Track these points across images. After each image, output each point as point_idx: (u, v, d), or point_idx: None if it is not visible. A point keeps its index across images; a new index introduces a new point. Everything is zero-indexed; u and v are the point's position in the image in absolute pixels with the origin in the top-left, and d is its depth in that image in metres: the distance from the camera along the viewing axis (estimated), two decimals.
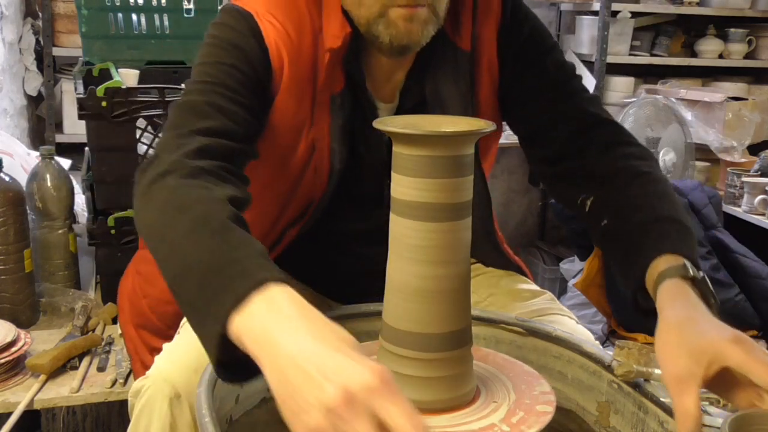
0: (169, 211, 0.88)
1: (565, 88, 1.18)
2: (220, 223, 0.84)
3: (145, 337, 1.42)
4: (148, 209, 0.92)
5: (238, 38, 1.08)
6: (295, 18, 1.11)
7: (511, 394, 0.93)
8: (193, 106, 1.02)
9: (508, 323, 1.13)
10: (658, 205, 1.03)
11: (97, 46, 2.09)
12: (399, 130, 0.84)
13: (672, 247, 0.95)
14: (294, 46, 1.10)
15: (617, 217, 1.06)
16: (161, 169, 0.93)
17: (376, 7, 1.05)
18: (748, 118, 3.16)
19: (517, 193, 3.88)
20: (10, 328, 1.54)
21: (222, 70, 1.05)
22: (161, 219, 0.88)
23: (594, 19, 3.44)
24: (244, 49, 1.07)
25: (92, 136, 1.78)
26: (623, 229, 1.04)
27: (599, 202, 1.09)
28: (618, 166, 1.10)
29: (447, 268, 0.87)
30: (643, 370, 0.96)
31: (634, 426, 0.99)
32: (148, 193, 0.93)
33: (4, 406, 1.43)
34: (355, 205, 1.21)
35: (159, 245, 0.87)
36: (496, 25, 1.18)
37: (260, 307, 0.73)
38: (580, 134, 1.14)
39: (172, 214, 0.87)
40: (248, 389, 1.05)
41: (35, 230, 1.82)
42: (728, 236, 2.50)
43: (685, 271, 0.91)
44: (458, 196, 0.86)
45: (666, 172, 2.92)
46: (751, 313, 2.38)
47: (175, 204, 0.88)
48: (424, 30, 1.07)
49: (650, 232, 0.99)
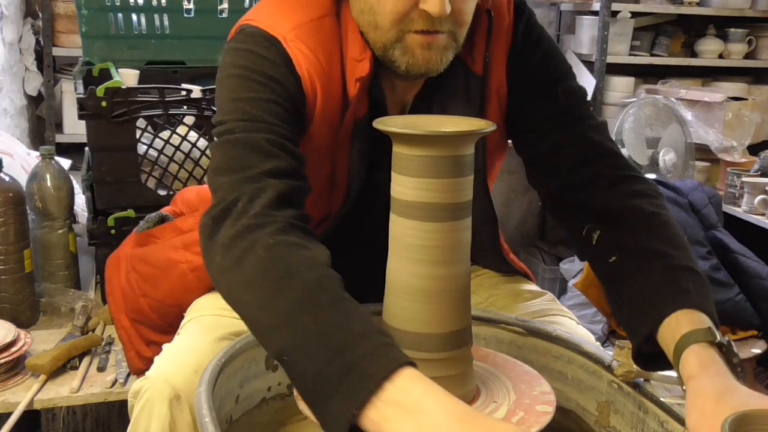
0: (274, 275, 0.83)
1: (571, 115, 1.14)
2: (333, 293, 0.82)
3: (142, 330, 1.42)
4: (243, 268, 0.85)
5: (272, 69, 1.02)
6: (324, 42, 1.06)
7: (511, 394, 0.93)
8: (252, 145, 0.95)
9: (508, 323, 1.13)
10: (673, 252, 1.00)
11: (97, 46, 2.09)
12: (399, 130, 0.84)
13: (691, 302, 0.92)
14: (325, 74, 1.05)
15: (628, 257, 1.02)
16: (246, 222, 0.88)
17: (393, 32, 1.01)
18: (748, 118, 3.16)
19: (517, 193, 3.88)
20: (10, 328, 1.54)
21: (263, 106, 0.99)
22: (266, 283, 0.83)
23: (594, 19, 3.44)
24: (279, 81, 1.01)
25: (92, 136, 1.78)
26: (635, 271, 1.00)
27: (607, 238, 1.06)
28: (626, 205, 1.07)
29: (447, 268, 0.87)
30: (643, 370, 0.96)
31: (634, 426, 0.99)
32: (234, 247, 0.87)
33: (4, 406, 1.43)
34: (363, 229, 1.17)
35: (264, 312, 0.83)
36: (506, 48, 1.15)
37: (396, 396, 0.73)
38: (584, 164, 1.11)
39: (278, 280, 0.83)
40: (248, 389, 1.05)
41: (35, 230, 1.82)
42: (728, 236, 2.50)
43: (712, 336, 0.88)
44: (458, 196, 0.86)
45: (666, 172, 2.92)
46: (751, 313, 2.38)
47: (280, 268, 0.84)
48: (443, 57, 1.03)
49: (666, 283, 0.96)
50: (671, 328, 0.91)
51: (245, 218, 0.89)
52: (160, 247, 1.37)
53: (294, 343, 0.79)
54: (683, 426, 0.91)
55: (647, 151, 2.97)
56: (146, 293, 1.38)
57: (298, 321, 0.79)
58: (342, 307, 0.80)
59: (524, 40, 1.16)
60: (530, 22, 1.17)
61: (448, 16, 0.99)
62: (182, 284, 1.30)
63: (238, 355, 1.01)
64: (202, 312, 1.18)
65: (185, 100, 1.78)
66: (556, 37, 3.79)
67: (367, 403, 0.72)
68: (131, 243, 1.46)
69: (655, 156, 2.96)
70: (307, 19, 1.06)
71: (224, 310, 1.15)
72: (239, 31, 1.08)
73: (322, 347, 0.76)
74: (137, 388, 1.06)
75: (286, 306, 0.81)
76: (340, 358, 0.75)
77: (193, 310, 1.21)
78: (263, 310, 0.83)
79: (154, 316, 1.38)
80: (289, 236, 0.87)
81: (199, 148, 1.83)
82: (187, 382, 1.03)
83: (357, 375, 0.73)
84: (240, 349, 1.01)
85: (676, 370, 0.89)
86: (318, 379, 0.76)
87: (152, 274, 1.37)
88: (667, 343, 0.92)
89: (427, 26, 0.99)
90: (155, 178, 1.81)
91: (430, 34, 1.00)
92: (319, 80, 1.05)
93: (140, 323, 1.41)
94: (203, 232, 0.92)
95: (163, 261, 1.35)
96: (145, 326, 1.41)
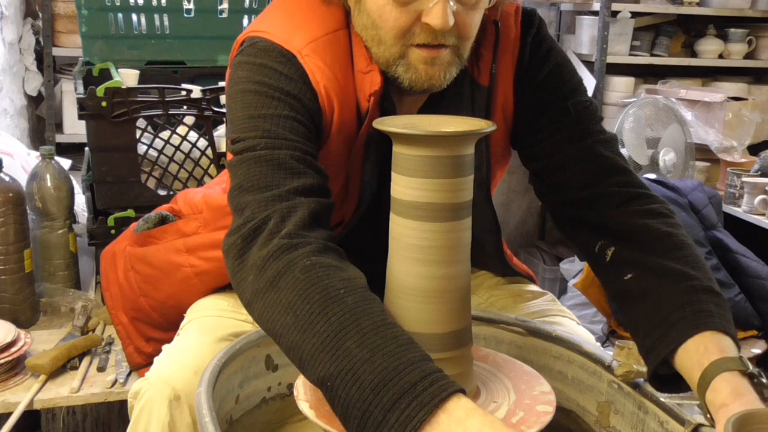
0: (314, 298, 0.81)
1: (581, 129, 1.11)
2: (377, 317, 0.80)
3: (142, 327, 1.41)
4: (279, 290, 0.83)
5: (290, 85, 1.00)
6: (338, 56, 1.04)
7: (511, 394, 0.93)
8: (278, 163, 0.93)
9: (508, 323, 1.13)
10: (693, 272, 0.97)
11: (97, 46, 2.09)
12: (399, 130, 0.84)
13: (714, 324, 0.91)
14: (341, 89, 1.04)
15: (646, 274, 1.00)
16: (279, 242, 0.86)
17: (396, 48, 1.00)
18: (748, 118, 3.16)
19: (517, 193, 3.88)
20: (10, 328, 1.54)
21: (283, 123, 0.97)
22: (306, 306, 0.81)
23: (594, 19, 3.44)
24: (297, 97, 1.00)
25: (92, 136, 1.78)
26: (655, 289, 0.98)
27: (623, 255, 1.03)
28: (640, 223, 1.04)
29: (447, 268, 0.87)
30: (643, 370, 0.96)
31: (634, 426, 0.99)
32: (269, 268, 0.85)
33: (4, 406, 1.43)
34: (383, 227, 1.15)
35: (304, 335, 0.80)
36: (514, 60, 1.13)
37: (451, 426, 0.71)
38: (594, 181, 1.09)
39: (319, 303, 0.81)
40: (248, 389, 1.05)
41: (35, 230, 1.82)
42: (728, 236, 2.50)
43: (744, 366, 0.87)
44: (458, 196, 0.86)
45: (666, 172, 2.92)
46: (751, 313, 2.38)
47: (320, 290, 0.82)
48: (446, 73, 1.01)
49: (688, 304, 0.94)
50: (696, 352, 0.89)
51: (278, 238, 0.86)
52: (161, 249, 1.35)
53: (338, 369, 0.76)
54: (683, 426, 0.91)
55: (647, 151, 2.97)
56: (147, 293, 1.37)
57: (341, 346, 0.77)
58: (387, 332, 0.78)
59: (533, 52, 1.13)
60: (539, 34, 1.14)
61: (452, 29, 0.97)
62: (186, 287, 1.29)
63: (238, 355, 1.01)
64: (202, 313, 1.18)
65: (185, 100, 1.78)
66: (557, 36, 3.79)
67: (421, 431, 0.71)
68: (128, 240, 1.44)
69: (655, 156, 2.96)
70: (322, 33, 1.04)
71: (224, 311, 1.15)
72: (250, 44, 1.05)
73: (369, 373, 0.74)
74: (137, 389, 1.06)
75: (329, 329, 0.78)
76: (390, 384, 0.73)
77: (194, 311, 1.21)
78: (304, 333, 0.80)
79: (155, 315, 1.38)
80: (325, 258, 0.85)
81: (199, 148, 1.83)
82: (187, 383, 1.03)
83: (408, 403, 0.72)
84: (240, 349, 1.01)
85: (700, 396, 0.87)
86: (366, 407, 0.73)
87: (153, 276, 1.36)
88: (690, 366, 0.89)
89: (429, 40, 0.98)
90: (155, 178, 1.81)
91: (433, 48, 0.99)
92: (336, 96, 1.03)
93: (140, 321, 1.41)
94: (231, 251, 0.89)
95: (164, 263, 1.34)
96: (144, 324, 1.41)
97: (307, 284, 0.82)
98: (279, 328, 0.83)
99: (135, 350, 1.43)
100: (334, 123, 1.04)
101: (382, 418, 0.72)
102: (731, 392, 0.84)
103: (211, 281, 1.26)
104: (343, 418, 0.77)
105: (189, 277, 1.29)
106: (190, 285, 1.29)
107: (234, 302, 1.16)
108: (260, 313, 0.86)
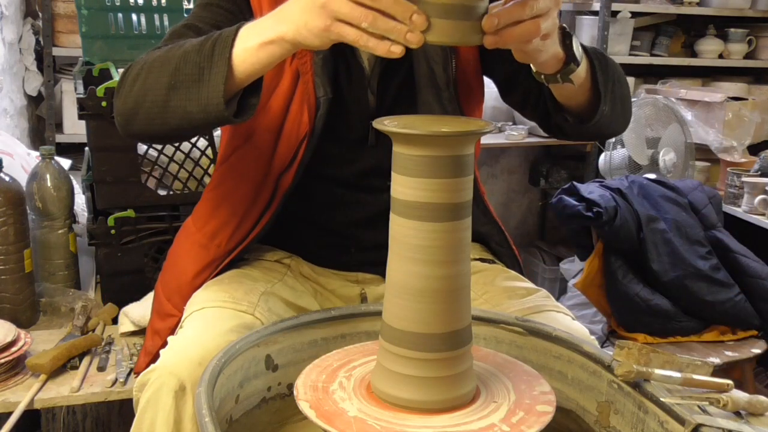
0: (165, 49, 1.08)
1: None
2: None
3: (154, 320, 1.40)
4: (136, 67, 1.10)
5: None
6: None
7: (511, 394, 0.93)
8: (171, 33, 1.18)
9: (508, 323, 1.13)
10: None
11: (97, 46, 2.09)
12: (399, 131, 0.84)
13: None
14: None
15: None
16: (139, 58, 1.11)
17: None
18: (748, 118, 3.16)
19: (517, 193, 3.88)
20: (10, 328, 1.54)
21: (203, 7, 1.21)
22: (162, 54, 1.07)
23: (594, 19, 3.44)
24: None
25: (92, 136, 1.78)
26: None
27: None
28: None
29: (447, 268, 0.87)
30: (643, 370, 0.96)
31: (634, 426, 0.99)
32: (132, 66, 1.11)
33: (4, 405, 1.43)
34: (342, 147, 1.25)
35: (162, 67, 1.05)
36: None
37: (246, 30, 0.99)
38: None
39: (168, 50, 1.07)
40: (248, 389, 1.05)
41: (35, 230, 1.82)
42: (728, 236, 2.50)
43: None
44: (458, 196, 0.87)
45: (666, 172, 2.91)
46: (751, 313, 2.38)
47: (170, 46, 1.08)
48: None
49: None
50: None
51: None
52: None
53: (178, 63, 1.03)
54: (683, 426, 0.91)
55: (647, 151, 2.97)
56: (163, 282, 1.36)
57: (183, 52, 1.04)
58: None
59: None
60: None
61: None
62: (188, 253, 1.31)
63: (238, 355, 1.01)
64: (203, 305, 1.18)
65: None
66: None
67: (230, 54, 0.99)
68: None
69: (655, 156, 2.96)
70: None
71: (225, 303, 1.15)
72: None
73: (195, 53, 1.02)
74: (143, 381, 1.06)
75: (177, 54, 1.05)
76: (206, 47, 1.01)
77: (194, 303, 1.21)
78: (161, 67, 1.06)
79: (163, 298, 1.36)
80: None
81: (199, 148, 1.83)
82: (192, 374, 1.03)
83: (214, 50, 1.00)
84: (240, 349, 1.01)
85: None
86: (197, 72, 1.01)
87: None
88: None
89: None
90: (155, 178, 1.81)
91: None
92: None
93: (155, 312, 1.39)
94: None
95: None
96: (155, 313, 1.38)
97: (161, 51, 1.09)
98: (150, 78, 1.07)
99: (153, 331, 1.39)
100: (264, 8, 1.15)
101: (209, 63, 1.00)
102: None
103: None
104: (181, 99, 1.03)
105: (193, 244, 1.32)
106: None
107: (233, 294, 1.17)
108: (122, 107, 1.11)
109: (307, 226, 1.31)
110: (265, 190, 1.24)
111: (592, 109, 1.13)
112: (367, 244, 1.29)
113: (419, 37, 0.86)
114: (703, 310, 2.35)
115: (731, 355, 2.28)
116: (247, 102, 1.06)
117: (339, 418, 0.86)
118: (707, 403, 0.93)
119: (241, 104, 1.05)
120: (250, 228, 1.26)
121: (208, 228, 1.29)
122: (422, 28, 0.86)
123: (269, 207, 1.24)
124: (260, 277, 1.25)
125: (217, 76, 0.99)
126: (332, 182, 1.27)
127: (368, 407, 0.89)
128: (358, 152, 1.26)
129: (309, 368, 0.97)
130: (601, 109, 1.12)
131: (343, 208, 1.29)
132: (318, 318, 1.12)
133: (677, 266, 2.32)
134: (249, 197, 1.25)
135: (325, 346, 1.10)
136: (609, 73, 1.13)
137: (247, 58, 0.99)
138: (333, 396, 0.90)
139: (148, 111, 1.07)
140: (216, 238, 1.27)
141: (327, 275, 1.33)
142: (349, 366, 0.98)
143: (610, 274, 2.37)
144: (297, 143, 1.21)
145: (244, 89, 1.04)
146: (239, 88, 1.03)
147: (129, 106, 1.09)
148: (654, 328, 2.34)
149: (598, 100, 1.12)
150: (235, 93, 1.03)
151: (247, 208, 1.26)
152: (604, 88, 1.11)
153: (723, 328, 2.38)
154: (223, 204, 1.28)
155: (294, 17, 0.94)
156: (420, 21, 0.85)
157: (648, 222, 2.34)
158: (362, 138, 1.26)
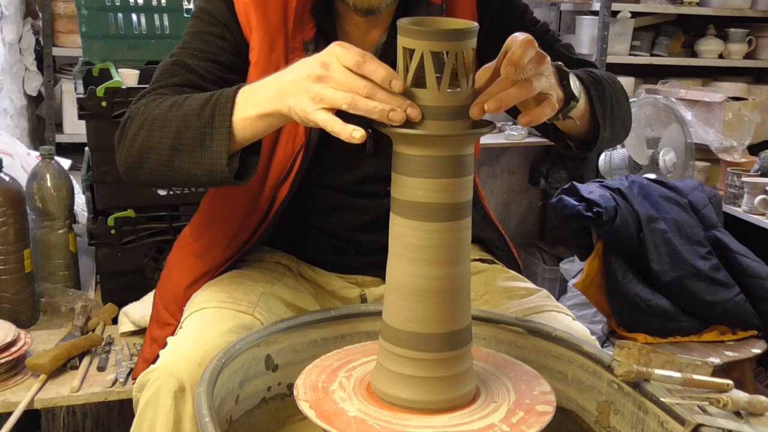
0: (165, 108, 1.06)
1: (541, 38, 1.18)
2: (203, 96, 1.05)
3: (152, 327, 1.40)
4: (137, 121, 1.09)
5: (209, 3, 1.19)
6: None
7: (511, 394, 0.93)
8: (161, 71, 1.17)
9: (508, 323, 1.13)
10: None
11: (97, 46, 2.09)
12: (399, 131, 0.84)
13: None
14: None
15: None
16: (134, 106, 1.10)
17: None
18: (748, 118, 3.16)
19: (517, 193, 3.88)
20: (10, 328, 1.54)
21: (195, 35, 1.18)
22: (162, 113, 1.06)
23: (594, 19, 3.44)
24: (212, 12, 1.17)
25: (92, 136, 1.78)
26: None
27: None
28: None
29: (447, 268, 0.87)
30: (643, 370, 0.96)
31: (634, 426, 0.99)
32: (128, 118, 1.10)
33: (4, 405, 1.43)
34: (339, 156, 1.24)
35: (163, 128, 1.05)
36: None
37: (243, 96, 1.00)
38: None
39: (168, 108, 1.06)
40: (248, 389, 1.05)
41: (35, 230, 1.82)
42: (728, 236, 2.50)
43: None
44: (458, 196, 0.87)
45: (666, 172, 2.91)
46: (751, 313, 2.38)
47: (168, 102, 1.07)
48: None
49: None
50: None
51: (134, 106, 1.12)
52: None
53: (179, 126, 1.04)
54: (683, 426, 0.91)
55: (647, 151, 2.97)
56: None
57: (183, 114, 1.04)
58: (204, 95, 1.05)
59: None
60: None
61: None
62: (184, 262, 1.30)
63: (238, 355, 1.01)
64: (202, 305, 1.18)
65: None
66: None
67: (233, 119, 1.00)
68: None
69: (655, 156, 2.96)
70: None
71: (225, 303, 1.15)
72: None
73: (195, 117, 1.03)
74: (143, 381, 1.06)
75: (178, 114, 1.05)
76: (205, 113, 1.02)
77: (193, 303, 1.21)
78: (162, 129, 1.06)
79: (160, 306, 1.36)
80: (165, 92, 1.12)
81: None
82: (192, 374, 1.03)
83: (213, 115, 1.01)
84: (240, 349, 1.01)
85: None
86: (198, 138, 1.02)
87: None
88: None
89: None
90: None
91: None
92: (253, 2, 1.16)
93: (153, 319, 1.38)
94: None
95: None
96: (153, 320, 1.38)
97: (158, 106, 1.08)
98: (148, 137, 1.07)
99: (152, 339, 1.39)
100: (255, 27, 1.16)
101: (210, 130, 1.01)
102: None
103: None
104: (183, 158, 1.04)
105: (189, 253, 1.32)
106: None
107: (232, 294, 1.17)
108: (126, 153, 1.11)
109: (307, 231, 1.31)
110: (263, 201, 1.24)
111: (593, 136, 1.14)
112: (368, 247, 1.29)
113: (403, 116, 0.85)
114: (703, 310, 2.35)
115: (731, 355, 2.28)
116: (249, 159, 1.07)
117: (339, 418, 0.86)
118: (707, 403, 0.93)
119: (243, 161, 1.07)
120: (246, 239, 1.25)
121: (205, 239, 1.28)
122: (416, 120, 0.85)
123: (266, 217, 1.24)
124: (260, 277, 1.24)
125: (220, 144, 1.01)
126: (331, 189, 1.27)
127: (368, 407, 0.89)
128: (356, 161, 1.25)
129: (309, 368, 0.97)
130: (601, 135, 1.13)
131: (342, 213, 1.28)
132: (318, 318, 1.12)
133: (677, 266, 2.32)
134: (245, 208, 1.25)
135: (325, 346, 1.10)
136: (606, 98, 1.14)
137: (246, 127, 1.01)
138: (333, 396, 0.90)
139: (152, 168, 1.09)
140: (212, 249, 1.26)
141: (327, 277, 1.33)
142: (349, 366, 0.98)
143: (610, 274, 2.37)
144: (293, 155, 1.20)
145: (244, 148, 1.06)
146: (240, 148, 1.05)
147: (132, 160, 1.10)
148: (654, 328, 2.34)
149: (598, 127, 1.12)
150: (236, 152, 1.05)
151: (243, 219, 1.25)
152: (602, 117, 1.12)
153: (723, 328, 2.38)
154: (219, 215, 1.28)
155: (286, 99, 0.94)
156: (414, 114, 0.85)
157: (648, 222, 2.34)
158: (360, 147, 1.24)
